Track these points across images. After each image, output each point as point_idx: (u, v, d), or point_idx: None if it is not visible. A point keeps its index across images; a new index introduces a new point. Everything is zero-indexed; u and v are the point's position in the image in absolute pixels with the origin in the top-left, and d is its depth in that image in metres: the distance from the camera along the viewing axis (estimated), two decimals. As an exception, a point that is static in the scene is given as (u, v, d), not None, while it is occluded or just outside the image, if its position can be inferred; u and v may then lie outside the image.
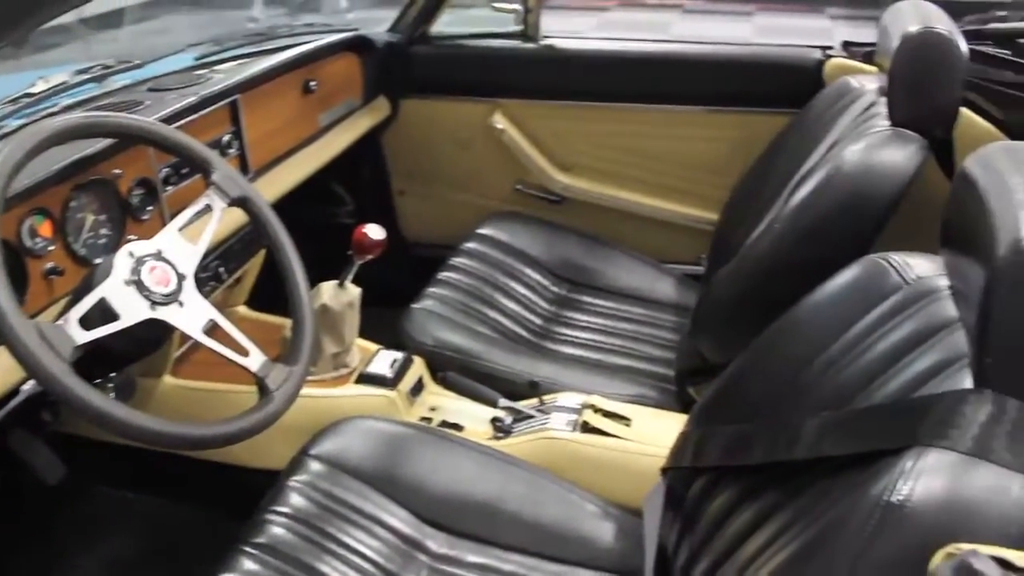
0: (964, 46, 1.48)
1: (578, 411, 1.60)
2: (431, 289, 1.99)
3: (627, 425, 1.58)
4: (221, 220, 1.33)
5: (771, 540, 0.93)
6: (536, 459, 1.52)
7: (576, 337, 1.97)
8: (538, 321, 2.01)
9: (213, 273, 1.69)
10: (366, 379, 1.69)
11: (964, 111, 1.96)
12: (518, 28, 2.39)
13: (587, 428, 1.57)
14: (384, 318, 1.89)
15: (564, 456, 1.54)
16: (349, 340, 1.72)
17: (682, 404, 1.70)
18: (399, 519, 1.37)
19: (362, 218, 1.78)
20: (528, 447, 1.56)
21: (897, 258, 1.06)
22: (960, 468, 0.73)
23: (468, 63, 2.43)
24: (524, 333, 1.96)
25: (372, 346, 1.80)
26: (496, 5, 2.38)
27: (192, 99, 1.63)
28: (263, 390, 1.24)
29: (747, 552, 0.99)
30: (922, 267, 1.03)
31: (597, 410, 1.60)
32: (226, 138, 1.73)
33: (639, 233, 2.36)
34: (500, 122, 2.37)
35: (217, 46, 2.03)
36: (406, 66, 2.40)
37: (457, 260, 2.10)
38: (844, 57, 2.17)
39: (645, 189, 2.37)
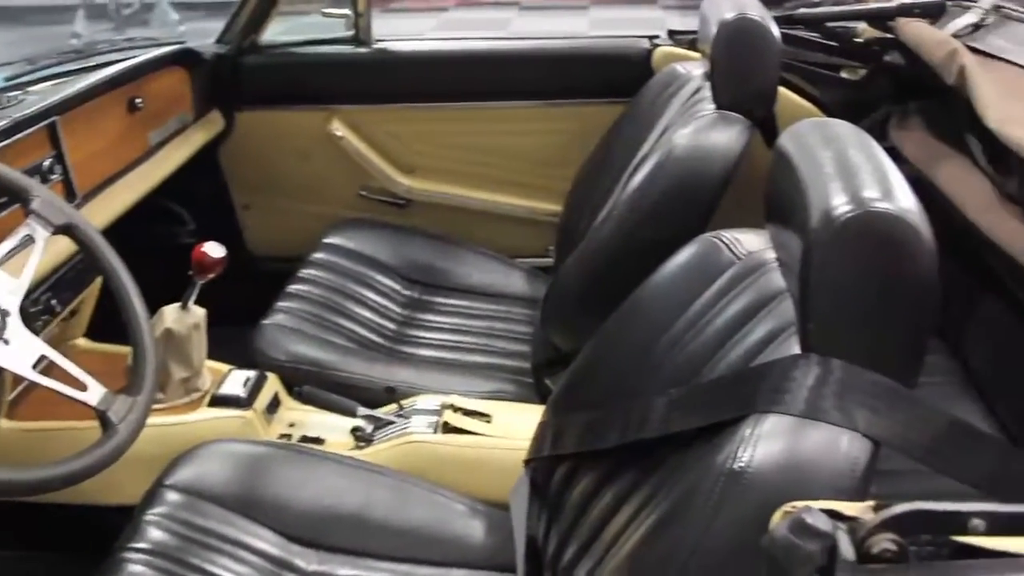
0: (777, 30, 1.55)
1: (438, 412, 1.61)
2: (281, 303, 1.95)
3: (488, 421, 1.59)
4: (46, 250, 1.26)
5: (631, 519, 0.96)
6: (400, 465, 1.51)
7: (431, 339, 1.97)
8: (392, 326, 2.00)
9: (44, 306, 1.60)
10: (219, 401, 1.64)
11: (784, 91, 2.07)
12: (350, 33, 2.36)
13: (448, 428, 1.57)
14: (236, 337, 1.84)
15: (428, 459, 1.54)
16: (198, 363, 1.67)
17: (541, 396, 1.72)
18: (265, 541, 1.33)
19: (204, 237, 1.72)
20: (391, 453, 1.55)
21: (728, 235, 1.11)
22: (794, 430, 0.77)
23: (301, 71, 2.39)
24: (379, 339, 1.94)
25: (223, 367, 1.74)
26: (326, 11, 2.35)
27: (3, 123, 1.54)
28: (105, 424, 1.19)
29: (610, 533, 1.01)
30: (751, 242, 1.07)
31: (457, 409, 1.61)
32: (47, 163, 1.64)
33: (487, 230, 2.37)
34: (339, 129, 2.34)
35: (30, 65, 1.93)
36: (237, 78, 2.34)
37: (306, 272, 2.07)
38: (671, 45, 2.24)
39: (489, 186, 2.39)
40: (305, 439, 1.63)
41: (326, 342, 1.86)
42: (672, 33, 2.29)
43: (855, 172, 0.83)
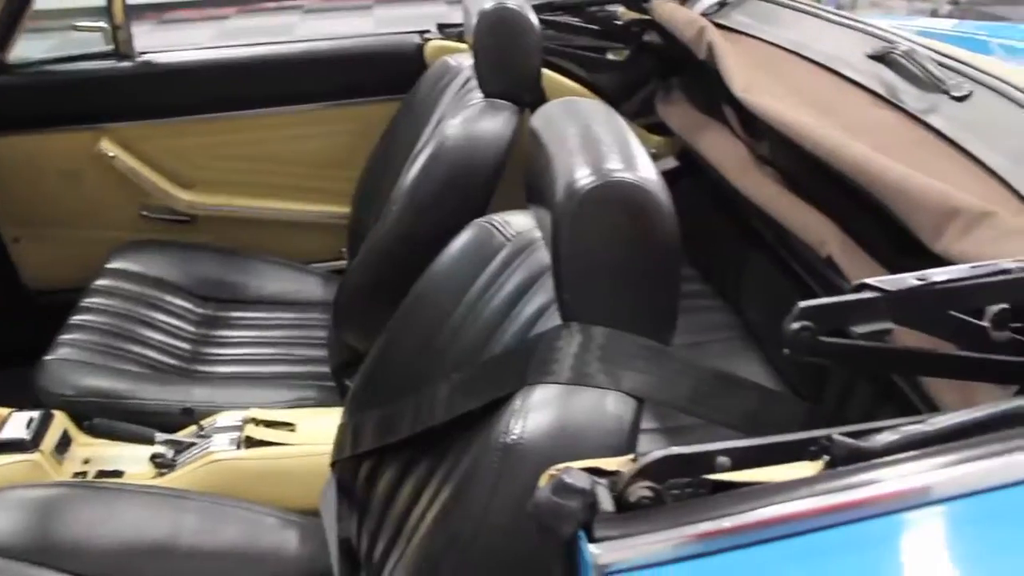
0: (535, 17, 1.60)
1: (239, 428, 1.57)
2: (64, 336, 1.85)
3: (292, 430, 1.57)
4: None
5: (427, 505, 0.97)
6: (206, 486, 1.48)
7: (229, 355, 1.92)
8: (187, 347, 1.93)
9: None
10: (0, 447, 1.54)
11: (555, 76, 2.14)
12: (109, 48, 2.24)
13: (251, 442, 1.54)
14: (19, 379, 1.73)
15: (233, 476, 1.51)
16: (-29, 410, 1.57)
17: (344, 398, 1.72)
18: None
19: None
20: (195, 476, 1.51)
21: (498, 218, 1.14)
22: (561, 397, 0.80)
23: (60, 90, 2.25)
24: (174, 362, 1.88)
25: (3, 411, 1.64)
26: (78, 24, 2.22)
27: None
28: None
29: (411, 522, 1.03)
30: (520, 223, 1.11)
31: (259, 422, 1.58)
32: None
33: (278, 238, 2.33)
34: (109, 148, 2.22)
35: None
36: None
37: (89, 301, 1.97)
38: (441, 39, 2.27)
39: (275, 193, 2.34)
40: (102, 474, 1.56)
41: (117, 371, 1.79)
42: (442, 27, 2.32)
43: (597, 146, 0.88)
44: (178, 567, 1.32)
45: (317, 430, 1.56)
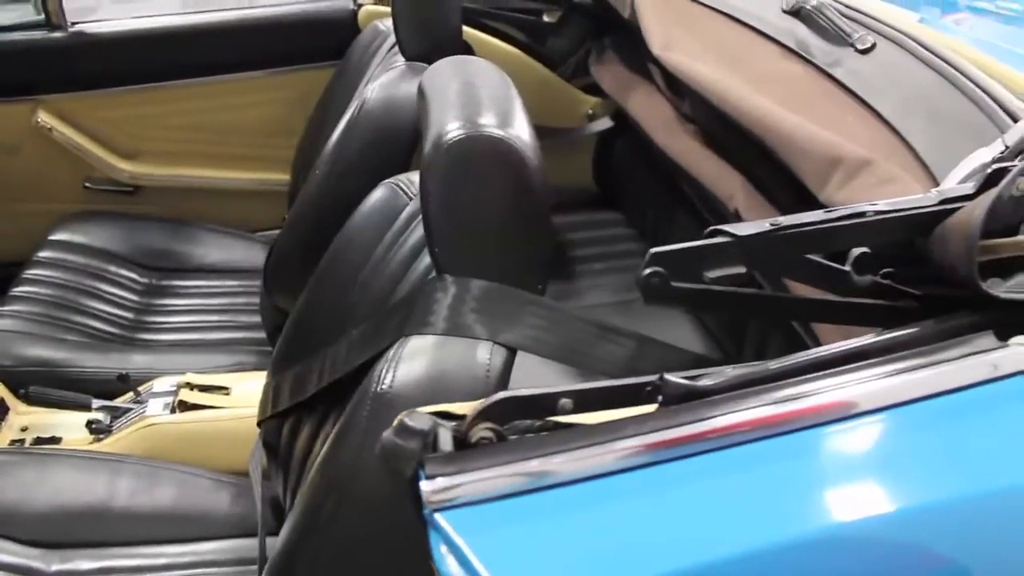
0: None
1: (174, 392, 1.60)
2: (3, 308, 1.87)
3: (226, 394, 1.61)
4: None
5: None
6: (140, 450, 1.51)
7: (171, 322, 1.94)
8: (129, 315, 1.95)
9: None
10: (-67, 418, 1.57)
11: (490, 39, 2.15)
12: (40, 18, 2.23)
13: (186, 407, 1.57)
14: None
15: (167, 439, 1.54)
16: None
17: (279, 361, 1.74)
18: (2, 552, 1.30)
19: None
20: (130, 440, 1.54)
21: (404, 178, 1.17)
22: (435, 347, 0.83)
23: None
24: (115, 330, 1.90)
25: (-64, 384, 1.66)
26: (3, -6, 2.21)
27: None
28: None
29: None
30: None
31: (193, 387, 1.61)
32: None
33: (222, 207, 2.34)
34: (47, 121, 2.22)
35: None
36: None
37: (31, 272, 1.98)
38: (373, 4, 2.27)
39: (217, 163, 2.35)
40: (39, 441, 1.59)
41: (57, 340, 1.81)
42: (375, -8, 2.32)
43: (472, 101, 0.89)
44: (113, 528, 1.35)
45: (250, 393, 1.58)
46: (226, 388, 1.62)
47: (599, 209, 2.17)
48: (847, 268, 0.78)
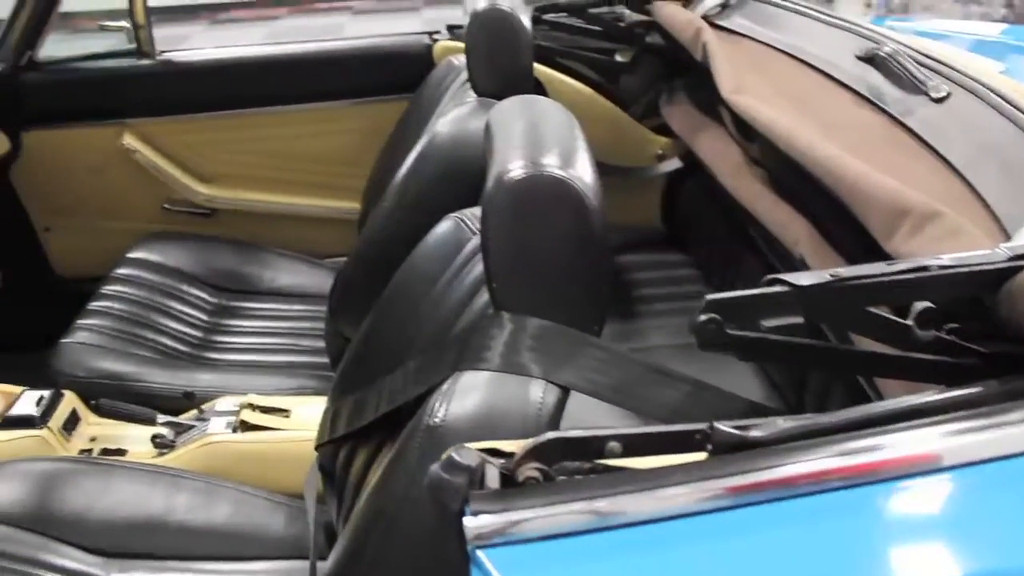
0: (527, 18, 1.63)
1: (235, 412, 1.63)
2: (82, 321, 1.93)
3: (286, 417, 1.63)
4: None
5: None
6: (201, 466, 1.54)
7: (237, 343, 1.99)
8: (197, 334, 2.00)
9: None
10: (10, 423, 1.62)
11: (561, 76, 2.17)
12: (132, 46, 2.33)
13: (246, 427, 1.60)
14: (42, 361, 1.82)
15: (227, 458, 1.57)
16: (-16, 388, 1.64)
17: (341, 387, 1.77)
18: (63, 556, 1.33)
19: (4, 261, 1.69)
20: (191, 456, 1.57)
21: (469, 212, 1.18)
22: (489, 383, 0.83)
23: (85, 87, 2.35)
24: (183, 348, 1.95)
25: (16, 389, 1.72)
26: (104, 24, 2.32)
27: None
28: None
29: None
30: None
31: (255, 408, 1.64)
32: None
33: (292, 232, 2.40)
34: (131, 143, 2.32)
35: None
36: (18, 96, 2.28)
37: (109, 288, 2.05)
38: (449, 39, 2.32)
39: (291, 189, 2.41)
40: (106, 452, 1.63)
41: (128, 355, 1.86)
42: (451, 27, 2.37)
43: (536, 141, 0.90)
44: (170, 541, 1.38)
45: (310, 417, 1.60)
46: (287, 411, 1.64)
47: (666, 249, 2.16)
48: (909, 322, 0.76)
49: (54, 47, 2.33)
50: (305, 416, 1.62)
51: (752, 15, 1.83)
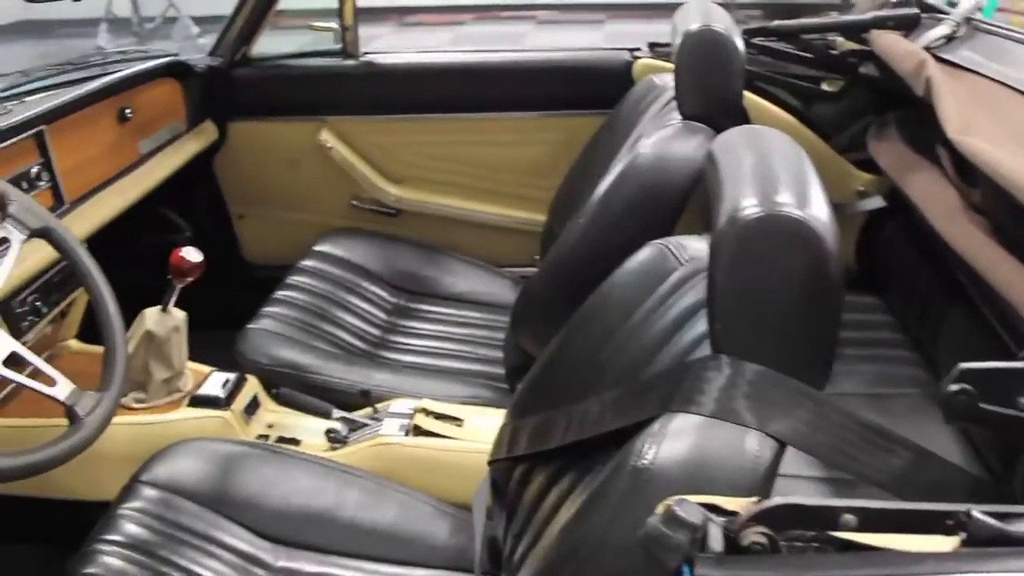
0: (741, 42, 1.57)
1: (410, 416, 1.64)
2: (267, 309, 1.99)
3: (459, 425, 1.63)
4: (25, 253, 1.31)
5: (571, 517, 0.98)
6: (371, 466, 1.55)
7: (413, 345, 2.00)
8: (375, 332, 2.03)
9: (31, 308, 1.65)
10: (198, 401, 1.69)
11: (764, 103, 2.09)
12: (338, 47, 2.40)
13: (419, 431, 1.61)
14: (227, 342, 1.89)
15: (397, 460, 1.57)
16: (179, 365, 1.71)
17: (514, 401, 1.75)
18: (235, 537, 1.37)
19: (200, 244, 1.77)
20: (362, 455, 1.59)
21: (675, 241, 1.13)
22: (702, 429, 0.79)
23: (291, 83, 2.43)
24: (361, 345, 1.98)
25: (206, 369, 1.79)
26: (314, 24, 2.40)
27: None
28: (72, 417, 1.23)
29: (552, 532, 1.04)
30: (695, 248, 1.10)
31: (429, 413, 1.64)
32: (34, 170, 1.69)
33: (474, 239, 2.41)
34: (328, 140, 2.39)
35: (24, 77, 1.98)
36: (229, 89, 2.39)
37: (294, 279, 2.11)
38: (650, 57, 2.27)
39: (477, 196, 2.42)
40: (281, 440, 1.67)
41: (308, 346, 1.90)
42: (652, 45, 2.32)
43: (769, 176, 0.85)
44: (337, 537, 1.40)
45: (483, 428, 1.60)
46: (460, 419, 1.64)
47: (858, 292, 2.05)
48: None
49: (262, 43, 2.43)
50: (478, 427, 1.61)
51: (980, 48, 1.71)
